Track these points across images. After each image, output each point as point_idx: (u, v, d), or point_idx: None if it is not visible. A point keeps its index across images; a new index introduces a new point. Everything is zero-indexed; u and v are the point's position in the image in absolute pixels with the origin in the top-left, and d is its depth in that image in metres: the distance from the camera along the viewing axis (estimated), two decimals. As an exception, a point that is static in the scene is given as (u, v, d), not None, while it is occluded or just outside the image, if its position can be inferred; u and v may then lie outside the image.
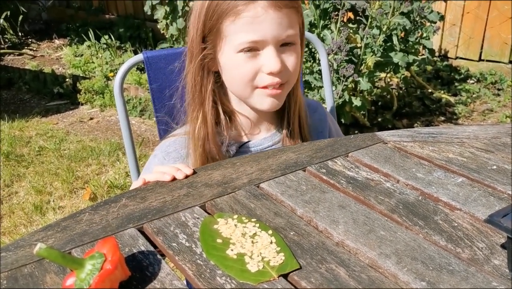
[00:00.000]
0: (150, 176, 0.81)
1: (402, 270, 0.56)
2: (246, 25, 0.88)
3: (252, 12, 0.87)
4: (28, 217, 2.18)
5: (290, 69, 0.92)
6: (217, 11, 0.89)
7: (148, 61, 1.09)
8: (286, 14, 0.89)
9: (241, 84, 0.94)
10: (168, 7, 3.00)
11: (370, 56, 2.33)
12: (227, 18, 0.88)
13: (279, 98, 0.94)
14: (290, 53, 0.92)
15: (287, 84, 0.94)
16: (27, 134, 3.01)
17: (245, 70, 0.91)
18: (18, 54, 4.58)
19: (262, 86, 0.92)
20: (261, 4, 0.87)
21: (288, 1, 0.89)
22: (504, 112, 2.87)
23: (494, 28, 3.23)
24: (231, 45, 0.90)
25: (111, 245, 0.55)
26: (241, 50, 0.89)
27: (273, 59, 0.89)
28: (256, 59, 0.90)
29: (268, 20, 0.87)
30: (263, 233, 0.63)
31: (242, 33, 0.88)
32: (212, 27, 0.91)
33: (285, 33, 0.89)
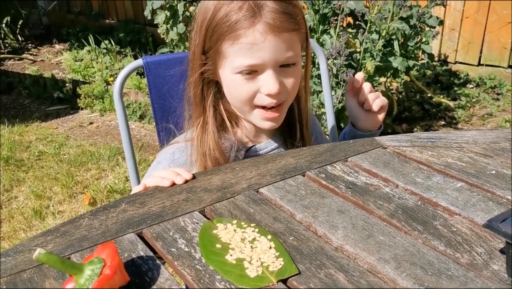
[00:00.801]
0: (149, 181, 0.81)
1: (401, 275, 0.56)
2: (244, 50, 0.87)
3: (251, 38, 0.86)
4: (27, 222, 2.18)
5: (288, 88, 0.92)
6: (216, 31, 0.88)
7: (147, 66, 1.09)
8: (287, 37, 0.88)
9: (239, 102, 0.95)
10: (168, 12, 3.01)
11: (369, 61, 2.34)
12: (226, 40, 0.88)
13: (277, 120, 0.95)
14: (290, 73, 0.92)
15: (285, 103, 0.95)
16: (27, 138, 3.01)
17: (243, 91, 0.91)
18: (18, 59, 4.59)
19: (260, 106, 0.92)
20: (259, 29, 0.85)
21: (288, 25, 0.87)
22: (504, 117, 2.87)
23: (493, 33, 3.24)
24: (230, 66, 0.90)
25: (110, 250, 0.55)
26: (239, 72, 0.89)
27: (272, 82, 0.89)
28: (255, 80, 0.90)
29: (266, 45, 0.86)
30: (262, 238, 0.63)
31: (241, 56, 0.88)
32: (212, 46, 0.90)
33: (284, 56, 0.89)
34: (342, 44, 2.18)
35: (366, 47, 2.33)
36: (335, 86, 2.30)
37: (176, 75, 1.12)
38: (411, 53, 2.49)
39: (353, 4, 2.25)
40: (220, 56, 0.91)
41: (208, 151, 0.95)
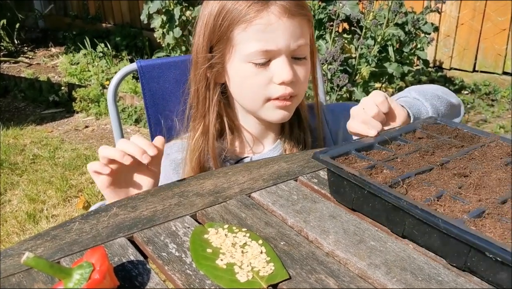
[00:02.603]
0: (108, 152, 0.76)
1: (392, 280, 0.56)
2: (258, 33, 0.85)
3: (265, 19, 0.84)
4: (21, 225, 2.17)
5: (301, 82, 0.90)
6: (227, 18, 0.86)
7: (142, 70, 1.09)
8: (298, 22, 0.87)
9: (251, 96, 0.92)
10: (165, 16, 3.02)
11: (364, 66, 2.35)
12: (238, 25, 0.86)
13: (289, 109, 0.93)
14: (301, 66, 0.90)
15: (296, 97, 0.92)
16: (22, 142, 3.00)
17: (255, 81, 0.89)
18: (14, 62, 4.59)
19: (274, 97, 0.90)
20: (274, 11, 0.84)
21: (300, 10, 0.87)
22: (498, 123, 2.89)
23: (488, 40, 3.26)
24: (241, 55, 0.88)
25: (99, 255, 0.54)
26: (251, 60, 0.87)
27: (286, 69, 0.86)
28: (267, 69, 0.88)
29: (281, 28, 0.85)
30: (253, 243, 0.63)
31: (254, 41, 0.85)
32: (222, 35, 0.88)
33: (297, 42, 0.87)
34: (337, 50, 2.19)
35: (362, 52, 2.34)
36: (329, 91, 2.31)
37: (170, 79, 1.12)
38: (406, 59, 2.50)
39: (348, 10, 2.26)
40: (229, 46, 0.88)
41: (199, 153, 0.94)
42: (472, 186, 0.65)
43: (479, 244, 0.53)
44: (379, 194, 0.63)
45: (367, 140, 0.79)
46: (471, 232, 0.55)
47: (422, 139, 0.81)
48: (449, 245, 0.58)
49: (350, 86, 2.26)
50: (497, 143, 0.79)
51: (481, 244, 0.53)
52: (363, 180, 0.65)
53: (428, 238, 0.61)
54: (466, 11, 3.28)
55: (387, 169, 0.70)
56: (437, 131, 0.85)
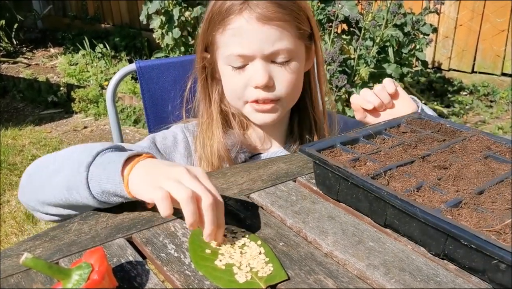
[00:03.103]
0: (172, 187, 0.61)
1: (390, 281, 0.56)
2: (232, 37, 0.87)
3: (237, 24, 0.86)
4: (19, 226, 2.17)
5: (282, 86, 0.90)
6: (211, 22, 0.90)
7: (140, 71, 1.10)
8: (275, 27, 0.86)
9: (231, 96, 0.95)
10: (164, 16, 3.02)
11: (363, 67, 2.35)
12: (217, 29, 0.89)
13: (273, 112, 0.92)
14: (283, 69, 0.89)
15: (280, 102, 0.92)
16: (20, 142, 3.00)
17: (234, 83, 0.91)
18: (12, 63, 4.58)
19: (250, 100, 0.91)
20: (246, 16, 0.85)
21: (277, 14, 0.85)
22: (497, 124, 2.89)
23: (486, 41, 3.26)
24: (222, 57, 0.91)
25: (98, 256, 0.54)
26: (229, 63, 0.90)
27: (259, 73, 0.87)
28: (244, 73, 0.89)
29: (252, 33, 0.86)
30: (252, 244, 0.63)
31: (230, 45, 0.88)
32: (209, 38, 0.92)
33: (274, 47, 0.86)
34: (336, 50, 2.20)
35: (360, 53, 2.35)
36: (328, 91, 2.31)
37: (169, 80, 1.12)
38: (405, 60, 2.51)
39: (347, 11, 2.26)
40: (214, 48, 0.92)
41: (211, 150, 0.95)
42: (451, 177, 0.67)
43: (455, 232, 0.55)
44: (361, 185, 0.66)
45: (353, 134, 0.81)
46: (447, 220, 0.57)
47: (406, 133, 0.84)
48: (428, 234, 0.60)
49: (349, 87, 2.26)
50: (477, 137, 0.82)
51: (456, 232, 0.55)
52: (346, 172, 0.68)
53: (408, 227, 0.63)
54: (465, 12, 3.28)
55: (370, 161, 0.72)
56: (420, 126, 0.87)
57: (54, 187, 0.70)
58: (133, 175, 0.65)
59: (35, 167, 0.77)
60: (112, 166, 0.66)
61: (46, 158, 0.77)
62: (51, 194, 0.71)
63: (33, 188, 0.75)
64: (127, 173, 0.65)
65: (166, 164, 0.68)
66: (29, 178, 0.77)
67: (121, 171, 0.65)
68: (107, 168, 0.66)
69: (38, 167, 0.77)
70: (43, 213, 0.75)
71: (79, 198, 0.68)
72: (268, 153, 1.01)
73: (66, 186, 0.68)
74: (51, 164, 0.74)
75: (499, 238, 0.54)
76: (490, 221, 0.57)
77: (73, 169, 0.68)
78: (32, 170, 0.77)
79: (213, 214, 0.60)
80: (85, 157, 0.68)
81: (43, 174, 0.74)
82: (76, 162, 0.69)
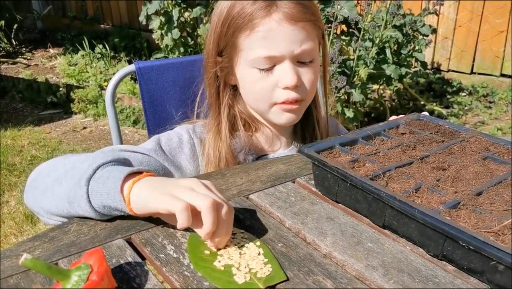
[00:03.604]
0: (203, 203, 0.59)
1: (389, 282, 0.56)
2: (260, 39, 0.87)
3: (267, 26, 0.86)
4: (19, 227, 2.16)
5: (307, 86, 0.91)
6: (233, 25, 0.88)
7: (140, 72, 1.10)
8: (302, 28, 0.87)
9: (257, 99, 0.94)
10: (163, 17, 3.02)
11: (363, 68, 2.35)
12: (242, 32, 0.88)
13: (296, 113, 0.94)
14: (307, 70, 0.91)
15: (304, 101, 0.94)
16: (20, 143, 3.00)
17: (261, 86, 0.90)
18: (12, 63, 4.58)
19: (279, 102, 0.91)
20: (276, 17, 0.86)
21: (304, 15, 0.87)
22: (496, 125, 2.89)
23: (485, 42, 3.27)
24: (247, 60, 0.90)
25: (97, 256, 0.54)
26: (256, 66, 0.89)
27: (289, 73, 0.88)
28: (272, 74, 0.89)
29: (282, 34, 0.86)
30: (251, 245, 0.63)
31: (257, 48, 0.87)
32: (228, 41, 0.90)
33: (301, 47, 0.88)
34: (335, 51, 2.20)
35: (360, 54, 2.35)
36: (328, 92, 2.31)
37: (168, 81, 1.12)
38: (404, 61, 2.51)
39: (346, 12, 2.26)
40: (236, 51, 0.90)
41: (219, 155, 0.94)
42: (450, 178, 0.68)
43: (453, 233, 0.55)
44: (360, 186, 0.66)
45: (352, 135, 0.82)
46: (445, 222, 0.57)
47: (404, 134, 0.85)
48: (426, 235, 0.60)
49: (348, 88, 2.27)
50: (476, 138, 0.82)
51: (455, 233, 0.55)
52: (345, 173, 0.68)
53: (407, 228, 0.63)
54: (464, 13, 3.29)
55: (369, 162, 0.72)
56: (419, 127, 0.88)
57: (56, 199, 0.71)
58: (135, 191, 0.64)
59: (38, 174, 0.77)
60: (111, 183, 0.66)
61: (48, 165, 0.77)
62: (53, 204, 0.71)
63: (36, 195, 0.75)
64: (127, 189, 0.65)
65: (171, 179, 0.68)
66: (32, 184, 0.77)
67: (120, 188, 0.65)
68: (106, 183, 0.66)
69: (40, 174, 0.76)
70: (48, 219, 0.75)
71: (80, 211, 0.68)
72: (276, 154, 1.01)
73: (67, 199, 0.69)
74: (53, 172, 0.74)
75: (498, 239, 0.54)
76: (488, 222, 0.57)
77: (74, 182, 0.68)
78: (35, 175, 0.77)
79: (231, 223, 0.62)
80: (85, 170, 0.68)
81: (45, 182, 0.74)
82: (77, 175, 0.69)
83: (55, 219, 0.74)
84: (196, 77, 1.06)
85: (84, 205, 0.67)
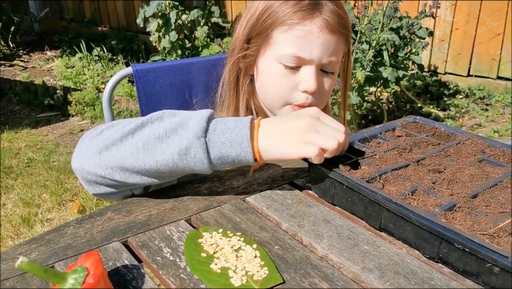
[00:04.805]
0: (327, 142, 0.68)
1: (385, 284, 0.56)
2: (297, 38, 0.88)
3: (307, 28, 0.87)
4: (15, 229, 2.16)
5: (324, 93, 0.94)
6: (272, 16, 0.89)
7: (137, 74, 1.10)
8: (336, 40, 0.89)
9: (273, 95, 0.95)
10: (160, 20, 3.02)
11: (360, 71, 2.36)
12: (280, 26, 0.89)
13: None
14: (327, 80, 0.93)
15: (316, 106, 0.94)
16: (16, 145, 2.99)
17: (281, 83, 0.92)
18: (9, 65, 4.57)
19: (296, 104, 0.92)
20: (318, 22, 0.87)
21: (341, 28, 0.90)
22: (492, 127, 2.90)
23: (482, 44, 3.28)
24: (275, 54, 0.91)
25: (94, 259, 0.54)
26: (282, 62, 0.90)
27: (312, 79, 0.89)
28: (295, 74, 0.91)
29: (319, 40, 0.88)
30: (248, 247, 0.63)
31: (290, 45, 0.89)
32: (263, 30, 0.91)
33: (329, 58, 0.90)
34: (332, 54, 2.20)
35: (357, 57, 2.35)
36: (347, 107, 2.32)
37: (165, 83, 1.12)
38: (401, 64, 2.52)
39: (343, 15, 2.27)
40: (267, 42, 0.91)
41: None
42: (446, 181, 0.68)
43: (449, 235, 0.56)
44: (356, 189, 0.67)
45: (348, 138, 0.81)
46: (441, 224, 0.57)
47: (400, 137, 0.85)
48: (422, 237, 0.61)
49: (345, 90, 2.27)
50: (472, 141, 0.83)
51: (451, 236, 0.56)
52: (342, 176, 0.68)
53: (403, 231, 0.63)
54: (461, 16, 3.30)
55: (366, 165, 0.73)
56: (415, 130, 0.88)
57: (157, 153, 0.68)
58: (263, 139, 0.69)
59: (106, 134, 0.71)
60: (237, 131, 0.68)
61: (119, 128, 0.72)
62: (150, 160, 0.68)
63: (115, 154, 0.69)
64: (255, 138, 0.68)
65: (285, 119, 0.71)
66: (102, 143, 0.71)
67: (250, 136, 0.67)
68: (228, 133, 0.68)
69: (114, 133, 0.71)
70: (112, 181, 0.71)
71: (191, 163, 0.68)
72: None
73: (178, 151, 0.67)
74: (137, 130, 0.70)
75: (493, 242, 0.54)
76: (484, 225, 0.58)
77: (187, 134, 0.67)
78: (103, 136, 0.72)
79: (346, 143, 0.73)
80: (197, 123, 0.68)
81: (134, 140, 0.69)
82: (188, 128, 0.67)
83: (130, 180, 0.70)
84: (193, 79, 1.06)
85: (201, 155, 0.67)
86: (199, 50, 3.37)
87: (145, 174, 0.70)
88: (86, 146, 0.73)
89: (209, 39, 3.42)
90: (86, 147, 0.73)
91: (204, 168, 0.69)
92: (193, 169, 0.70)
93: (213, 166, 0.69)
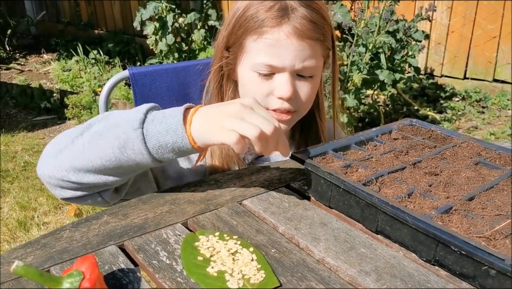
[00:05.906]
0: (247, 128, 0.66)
1: (381, 287, 0.56)
2: (266, 46, 0.88)
3: (275, 36, 0.87)
4: (11, 233, 2.15)
5: (302, 99, 0.93)
6: (243, 25, 0.90)
7: (133, 77, 1.10)
8: (310, 45, 0.89)
9: None
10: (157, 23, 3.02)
11: (356, 74, 2.36)
12: (251, 35, 0.89)
13: (286, 123, 0.94)
14: (306, 84, 0.92)
15: (296, 112, 0.94)
16: (13, 149, 2.98)
17: (257, 90, 0.92)
18: (5, 69, 4.56)
19: (271, 109, 0.92)
20: (286, 30, 0.87)
21: (313, 33, 0.89)
22: (489, 130, 2.91)
23: (478, 47, 3.29)
24: (249, 62, 0.91)
25: (90, 263, 0.54)
26: (256, 70, 0.90)
27: (286, 85, 0.89)
28: (270, 82, 0.91)
29: (288, 47, 0.87)
30: (244, 251, 0.63)
31: (262, 54, 0.89)
32: (236, 39, 0.92)
33: (303, 63, 0.89)
34: (329, 57, 2.20)
35: (353, 60, 2.36)
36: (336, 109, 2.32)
37: (162, 87, 1.12)
38: (398, 67, 2.52)
39: (340, 18, 2.27)
40: (242, 51, 0.92)
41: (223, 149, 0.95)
42: (442, 184, 0.68)
43: (445, 238, 0.56)
44: (353, 192, 0.67)
45: (344, 141, 0.82)
46: (437, 227, 0.57)
47: (397, 140, 0.85)
48: (419, 240, 0.61)
49: (342, 94, 2.27)
50: (468, 144, 0.83)
51: (447, 238, 0.56)
52: (338, 178, 0.68)
53: (399, 233, 0.63)
54: (457, 19, 3.31)
55: (362, 168, 0.73)
56: (411, 132, 0.88)
57: (100, 149, 0.71)
58: (195, 124, 0.69)
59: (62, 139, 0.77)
60: (171, 119, 0.69)
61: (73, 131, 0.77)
62: (95, 157, 0.71)
63: (66, 156, 0.74)
64: (187, 122, 0.69)
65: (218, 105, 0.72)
66: (57, 147, 0.76)
67: (182, 121, 0.68)
68: (163, 121, 0.69)
69: (67, 137, 0.76)
70: (70, 183, 0.75)
71: (132, 155, 0.70)
72: (271, 155, 1.02)
73: (118, 144, 0.70)
74: (86, 131, 0.74)
75: (489, 244, 0.54)
76: (480, 227, 0.58)
77: (125, 127, 0.69)
78: (59, 140, 0.77)
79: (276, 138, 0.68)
80: (133, 117, 0.70)
81: (81, 141, 0.74)
82: (127, 121, 0.70)
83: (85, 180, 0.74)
84: (190, 82, 1.06)
85: (138, 146, 0.69)
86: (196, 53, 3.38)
87: (95, 172, 0.73)
88: (47, 151, 0.78)
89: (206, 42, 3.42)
90: (46, 152, 0.78)
91: (146, 159, 0.70)
92: (136, 162, 0.71)
93: (155, 157, 0.70)
